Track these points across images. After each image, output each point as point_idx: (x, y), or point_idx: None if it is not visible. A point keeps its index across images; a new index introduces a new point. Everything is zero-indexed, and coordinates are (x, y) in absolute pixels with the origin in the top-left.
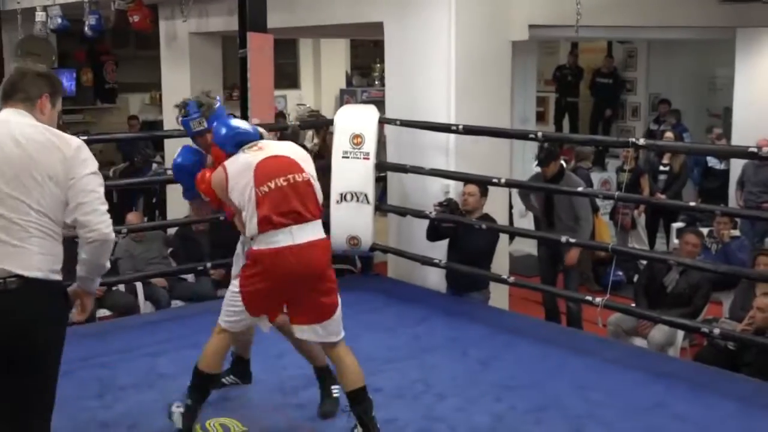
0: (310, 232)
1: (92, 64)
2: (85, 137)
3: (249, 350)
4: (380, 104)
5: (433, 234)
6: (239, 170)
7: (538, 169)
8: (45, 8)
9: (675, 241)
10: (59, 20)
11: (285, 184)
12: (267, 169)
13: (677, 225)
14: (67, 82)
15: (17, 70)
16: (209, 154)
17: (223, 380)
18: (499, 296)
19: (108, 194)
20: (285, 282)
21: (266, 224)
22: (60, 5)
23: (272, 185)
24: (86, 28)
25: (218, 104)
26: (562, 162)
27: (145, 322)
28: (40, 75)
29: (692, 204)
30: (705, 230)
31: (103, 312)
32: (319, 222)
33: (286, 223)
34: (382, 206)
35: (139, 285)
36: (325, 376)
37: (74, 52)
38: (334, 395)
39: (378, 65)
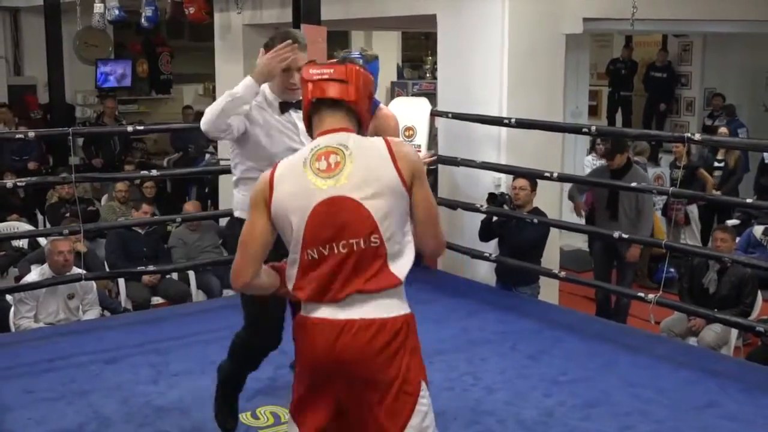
0: (361, 307)
1: (148, 56)
2: (141, 127)
3: None
4: (431, 97)
5: (486, 234)
6: (292, 191)
7: (589, 163)
8: (103, 0)
9: None
10: (117, 12)
11: (345, 252)
12: (323, 222)
13: (732, 222)
14: (123, 72)
15: None
16: None
17: None
18: (548, 291)
19: (162, 184)
20: (316, 374)
21: (302, 294)
22: None
23: (325, 251)
24: (143, 20)
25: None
26: (629, 155)
27: (198, 310)
28: None
29: (748, 200)
30: (761, 227)
31: (156, 299)
32: (384, 296)
33: (331, 299)
34: None
35: (191, 273)
36: None
37: (130, 43)
38: None
39: (429, 58)
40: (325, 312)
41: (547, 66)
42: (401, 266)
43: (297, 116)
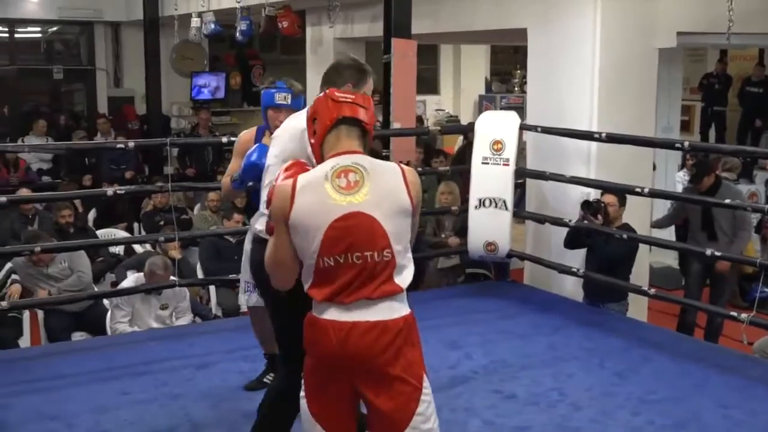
0: (366, 311)
1: (241, 68)
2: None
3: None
4: (519, 110)
5: (572, 242)
6: (312, 203)
7: (681, 179)
8: (200, 14)
9: None
10: (212, 26)
11: (359, 263)
12: (341, 235)
13: None
14: (217, 85)
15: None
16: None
17: (265, 380)
18: (637, 308)
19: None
20: (327, 368)
21: (316, 295)
22: (214, 12)
23: (341, 260)
24: (237, 34)
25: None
26: (717, 173)
27: None
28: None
29: None
30: None
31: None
32: (386, 301)
33: (340, 302)
34: (520, 212)
35: None
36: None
37: (224, 56)
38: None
39: (518, 71)
40: (333, 314)
41: (638, 80)
42: (404, 277)
43: None
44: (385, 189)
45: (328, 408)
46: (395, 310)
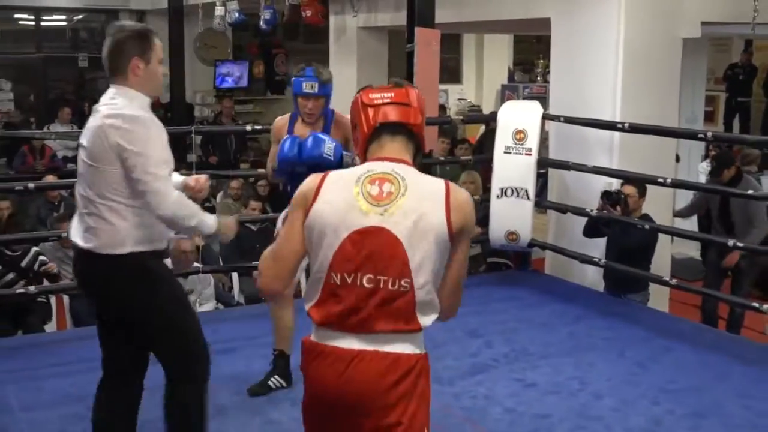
0: (374, 343)
1: (264, 57)
2: (259, 126)
3: (291, 343)
4: (541, 100)
5: (591, 230)
6: (336, 203)
7: (704, 170)
8: (224, 3)
9: None
10: (236, 14)
11: (369, 287)
12: (357, 249)
13: None
14: (241, 73)
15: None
16: (306, 120)
17: (269, 383)
18: (658, 299)
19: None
20: (322, 404)
21: (317, 317)
22: (238, 0)
23: (349, 279)
24: (261, 22)
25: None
26: (737, 165)
27: None
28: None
29: None
30: None
31: None
32: (402, 339)
33: (346, 329)
34: (542, 202)
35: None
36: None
37: (248, 45)
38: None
39: (541, 61)
40: (338, 341)
41: (662, 70)
42: (429, 317)
43: None
44: (419, 210)
45: None
46: (408, 347)
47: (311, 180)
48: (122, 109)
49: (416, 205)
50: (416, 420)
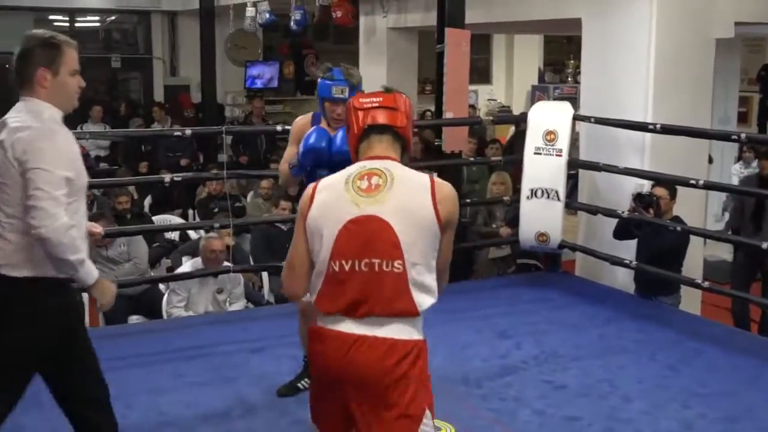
0: (375, 327)
1: (294, 58)
2: (289, 127)
3: None
4: (572, 101)
5: (622, 232)
6: (328, 201)
7: (737, 171)
8: (255, 4)
9: None
10: (267, 15)
11: (366, 271)
12: (352, 237)
13: None
14: (271, 74)
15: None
16: (332, 125)
17: (299, 385)
18: (690, 302)
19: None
20: (326, 382)
21: (321, 306)
22: (268, 1)
23: (347, 266)
24: (291, 23)
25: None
26: None
27: None
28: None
29: None
30: None
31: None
32: (400, 322)
33: (348, 316)
34: (572, 203)
35: None
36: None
37: (278, 45)
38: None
39: (571, 61)
40: (340, 326)
41: (695, 71)
42: (424, 299)
43: None
44: (406, 199)
45: (322, 418)
46: (406, 332)
47: (307, 190)
48: (27, 122)
49: (403, 195)
50: (415, 400)
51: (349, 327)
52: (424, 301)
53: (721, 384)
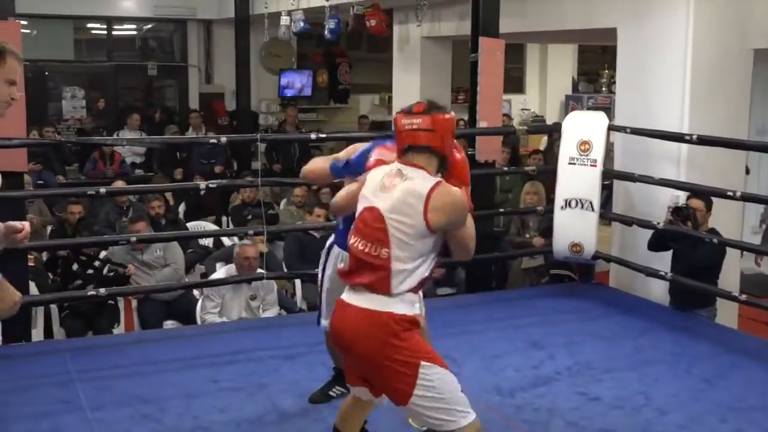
0: (358, 297)
1: (328, 66)
2: (323, 135)
3: None
4: (606, 111)
5: (657, 244)
6: (372, 182)
7: None
8: (289, 13)
9: None
10: (301, 24)
11: (360, 249)
12: (362, 220)
13: None
14: (305, 82)
15: None
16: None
17: (330, 392)
18: (727, 315)
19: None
20: (336, 344)
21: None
22: (303, 10)
23: (352, 241)
24: (326, 32)
25: None
26: None
27: None
28: None
29: None
30: None
31: None
32: (379, 296)
33: (348, 284)
34: (606, 214)
35: None
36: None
37: (312, 54)
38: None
39: (606, 71)
40: (344, 294)
41: (732, 81)
42: (399, 285)
43: None
44: (404, 202)
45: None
46: (383, 304)
47: (371, 161)
48: None
49: (403, 200)
50: (405, 357)
51: (348, 296)
52: (401, 286)
53: (759, 398)
